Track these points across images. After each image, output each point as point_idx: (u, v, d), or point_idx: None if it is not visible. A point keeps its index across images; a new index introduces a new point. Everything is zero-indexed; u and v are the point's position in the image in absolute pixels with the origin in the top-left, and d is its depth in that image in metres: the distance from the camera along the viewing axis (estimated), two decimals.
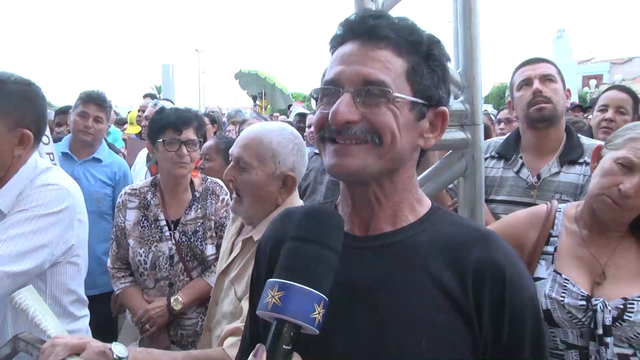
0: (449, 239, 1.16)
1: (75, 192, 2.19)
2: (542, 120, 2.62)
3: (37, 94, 2.13)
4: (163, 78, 22.37)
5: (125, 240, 2.94)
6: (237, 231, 2.28)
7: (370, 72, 1.09)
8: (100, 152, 3.98)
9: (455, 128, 2.18)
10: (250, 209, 2.08)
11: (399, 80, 1.11)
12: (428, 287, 1.11)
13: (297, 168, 2.09)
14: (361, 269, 1.15)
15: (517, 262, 1.17)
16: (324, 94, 1.15)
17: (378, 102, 1.09)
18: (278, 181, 2.05)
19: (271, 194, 2.06)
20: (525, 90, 2.67)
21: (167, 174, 2.95)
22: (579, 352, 1.86)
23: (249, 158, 2.03)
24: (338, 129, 1.10)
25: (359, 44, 1.12)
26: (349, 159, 1.10)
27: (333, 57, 1.16)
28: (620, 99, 3.55)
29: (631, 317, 1.78)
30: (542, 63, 2.73)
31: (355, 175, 1.13)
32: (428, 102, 1.15)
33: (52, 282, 2.17)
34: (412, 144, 1.16)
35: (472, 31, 2.15)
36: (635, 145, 1.82)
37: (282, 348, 0.97)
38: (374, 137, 1.10)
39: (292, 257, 1.04)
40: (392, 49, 1.11)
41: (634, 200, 1.80)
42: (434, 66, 1.15)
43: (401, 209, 1.20)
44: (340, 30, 1.16)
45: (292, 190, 2.10)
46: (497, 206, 2.69)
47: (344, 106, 1.08)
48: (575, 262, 1.93)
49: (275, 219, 1.41)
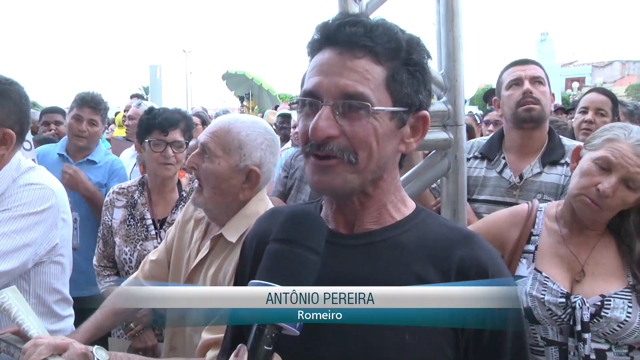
0: (433, 239, 1.17)
1: (59, 191, 2.18)
2: (530, 121, 2.64)
3: (20, 93, 2.11)
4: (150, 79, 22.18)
5: (112, 239, 2.95)
6: (202, 235, 2.13)
7: (348, 84, 1.07)
8: (96, 153, 3.93)
9: (438, 128, 2.20)
10: (210, 202, 1.94)
11: (379, 90, 1.09)
12: (412, 285, 1.10)
13: (265, 165, 1.95)
14: (346, 266, 1.16)
15: (499, 261, 1.19)
16: (304, 104, 1.14)
17: (358, 115, 1.08)
18: (241, 175, 1.92)
19: (232, 188, 1.92)
20: (514, 90, 2.68)
21: (153, 174, 2.95)
22: (558, 348, 1.89)
23: (214, 146, 1.91)
24: (318, 144, 1.10)
25: (337, 53, 1.10)
26: (329, 176, 1.11)
27: (311, 65, 1.14)
28: (599, 101, 3.59)
29: (608, 313, 1.81)
30: (532, 65, 2.75)
31: (336, 191, 1.14)
32: (409, 108, 1.14)
33: (35, 281, 2.15)
34: (393, 151, 1.17)
35: (455, 33, 2.17)
36: (613, 145, 1.84)
37: (263, 349, 0.98)
38: (349, 156, 1.09)
39: (274, 259, 1.05)
40: (371, 58, 1.09)
41: (612, 199, 1.82)
42: (414, 71, 1.13)
43: (386, 210, 1.20)
44: (317, 35, 1.14)
45: (255, 187, 1.97)
46: (479, 206, 2.71)
47: (323, 121, 1.08)
48: (556, 260, 1.95)
49: (261, 216, 1.41)
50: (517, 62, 2.79)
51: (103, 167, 3.91)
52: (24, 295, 2.11)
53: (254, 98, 21.81)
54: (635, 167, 1.80)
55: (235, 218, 1.96)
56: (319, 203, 1.31)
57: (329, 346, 1.11)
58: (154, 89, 21.51)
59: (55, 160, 3.79)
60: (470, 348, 1.12)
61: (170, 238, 2.26)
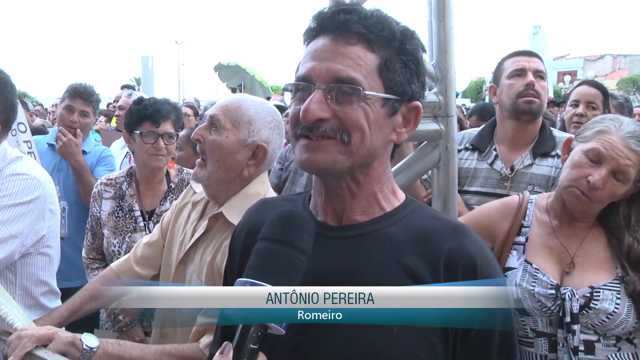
0: (422, 230, 1.16)
1: (47, 181, 2.15)
2: (530, 113, 2.62)
3: (6, 81, 2.08)
4: (142, 70, 21.99)
5: (100, 231, 2.91)
6: (199, 216, 2.07)
7: (340, 69, 1.09)
8: (87, 144, 3.90)
9: (429, 119, 2.18)
10: (213, 176, 1.89)
11: (371, 76, 1.10)
12: (401, 277, 1.11)
13: (271, 143, 1.93)
14: (334, 258, 1.15)
15: (488, 253, 1.19)
16: (297, 89, 1.15)
17: (349, 100, 1.09)
18: (248, 150, 1.89)
19: (238, 163, 1.89)
20: (517, 80, 2.64)
21: (143, 165, 2.91)
22: (547, 340, 1.89)
23: (223, 118, 1.89)
24: (309, 127, 1.10)
25: (331, 39, 1.11)
26: (319, 154, 1.11)
27: (306, 52, 1.16)
28: (590, 94, 3.60)
29: (597, 305, 1.81)
30: (536, 58, 2.72)
31: (325, 170, 1.13)
32: (401, 97, 1.14)
33: (22, 273, 2.13)
34: (384, 139, 1.16)
35: (446, 24, 2.15)
36: (604, 137, 1.84)
37: (249, 347, 0.98)
38: (343, 135, 1.10)
39: (261, 258, 1.04)
40: (364, 45, 1.10)
41: (602, 192, 1.83)
42: (407, 60, 1.14)
43: (375, 200, 1.20)
44: (313, 23, 1.15)
45: (261, 165, 1.94)
46: (470, 197, 2.70)
47: (314, 103, 1.09)
48: (546, 252, 1.95)
49: (251, 208, 1.40)
50: (521, 53, 2.75)
51: (93, 157, 3.88)
52: (10, 287, 2.10)
53: (246, 90, 21.67)
54: (625, 160, 1.80)
55: (236, 197, 1.91)
56: (307, 194, 1.30)
57: (317, 344, 1.11)
58: (145, 80, 21.33)
59: (45, 150, 3.77)
60: (459, 341, 1.12)
61: (165, 221, 2.22)
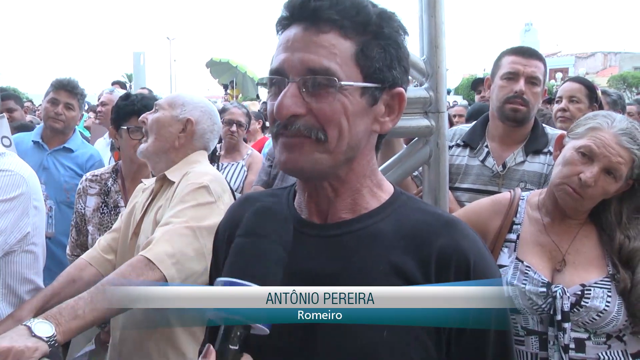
0: (412, 226, 1.11)
1: (31, 178, 2.10)
2: (514, 120, 2.61)
3: None
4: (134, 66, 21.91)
5: (85, 227, 2.90)
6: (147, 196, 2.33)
7: (313, 59, 1.02)
8: (72, 141, 3.84)
9: (420, 115, 2.16)
10: (151, 147, 2.24)
11: (347, 65, 1.03)
12: (390, 276, 1.07)
13: (200, 123, 2.28)
14: (320, 258, 1.11)
15: (482, 249, 1.14)
16: (272, 83, 1.08)
17: (325, 92, 1.02)
18: (179, 125, 2.25)
19: (171, 134, 2.24)
20: (508, 84, 2.60)
21: (129, 161, 2.89)
22: (538, 338, 1.88)
23: (163, 102, 2.31)
24: (284, 123, 1.04)
25: (302, 28, 1.04)
26: (296, 154, 1.05)
27: (278, 43, 1.09)
28: (571, 89, 3.66)
29: (588, 302, 1.80)
30: (535, 61, 2.64)
31: (305, 172, 1.08)
32: (381, 85, 1.08)
33: (6, 271, 2.09)
34: (367, 131, 1.10)
35: (437, 19, 2.13)
36: (596, 134, 1.82)
37: (231, 349, 0.95)
38: (318, 133, 1.03)
39: (238, 254, 1.01)
40: (337, 32, 1.03)
41: (594, 189, 1.81)
42: (386, 45, 1.06)
43: (361, 196, 1.14)
44: (285, 12, 1.09)
45: (191, 137, 2.27)
46: (462, 194, 2.68)
47: (288, 98, 1.02)
48: (537, 249, 1.94)
49: (234, 204, 1.37)
50: (520, 52, 2.67)
51: (80, 157, 3.82)
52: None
53: (237, 86, 21.66)
54: (617, 157, 1.79)
55: (178, 164, 2.24)
56: (292, 188, 1.25)
57: (307, 346, 1.07)
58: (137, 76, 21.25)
59: (30, 147, 3.71)
60: (453, 341, 1.08)
61: (124, 213, 2.44)
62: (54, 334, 1.44)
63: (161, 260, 1.77)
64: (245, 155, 4.87)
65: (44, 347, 1.40)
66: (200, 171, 2.13)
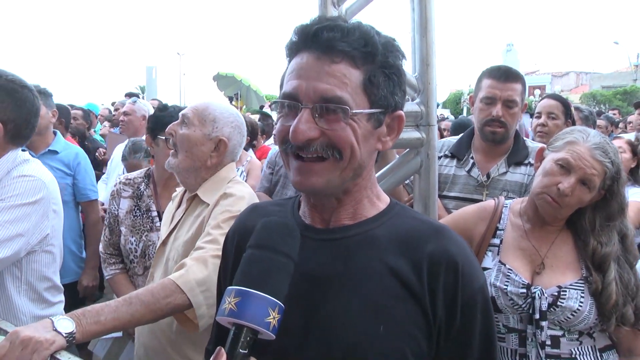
0: (406, 232, 1.14)
1: (51, 183, 2.11)
2: (492, 141, 2.63)
3: (27, 97, 2.03)
4: (147, 79, 21.97)
5: (118, 228, 2.87)
6: (176, 205, 2.25)
7: (327, 88, 1.04)
8: (56, 143, 3.75)
9: (412, 128, 2.17)
10: (182, 164, 2.09)
11: (356, 93, 1.06)
12: (385, 277, 1.09)
13: (232, 140, 2.13)
14: (321, 260, 1.12)
15: (469, 254, 1.16)
16: (283, 106, 1.10)
17: (336, 117, 1.05)
18: (211, 143, 2.09)
19: (203, 154, 2.08)
20: (487, 107, 2.59)
21: (162, 169, 2.86)
22: (518, 335, 1.89)
23: (192, 116, 2.10)
24: (299, 146, 1.06)
25: (315, 57, 1.06)
26: (312, 177, 1.07)
27: (290, 67, 1.10)
28: (549, 106, 3.68)
29: (563, 303, 1.82)
30: (511, 84, 2.59)
31: (319, 191, 1.11)
32: (385, 110, 1.10)
33: (27, 269, 2.09)
34: (371, 150, 1.13)
35: (428, 39, 2.14)
36: (573, 148, 1.84)
37: (240, 352, 0.96)
38: (334, 153, 1.06)
39: (249, 265, 1.02)
40: (348, 62, 1.05)
41: (570, 198, 1.83)
42: (390, 73, 1.09)
43: (362, 205, 1.17)
44: (295, 37, 1.10)
45: (222, 156, 2.12)
46: (449, 202, 2.69)
47: (303, 124, 1.04)
48: (518, 253, 1.95)
49: (243, 213, 1.37)
50: (497, 76, 2.60)
51: (66, 157, 3.73)
52: (16, 282, 2.07)
53: (242, 98, 21.62)
54: (591, 169, 1.81)
55: (208, 181, 2.11)
56: (297, 199, 1.27)
57: (304, 344, 1.08)
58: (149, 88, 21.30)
59: None
60: (442, 336, 1.10)
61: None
62: (73, 332, 1.43)
63: (190, 289, 1.71)
64: (245, 162, 4.85)
65: (61, 342, 1.40)
66: (238, 196, 2.00)
